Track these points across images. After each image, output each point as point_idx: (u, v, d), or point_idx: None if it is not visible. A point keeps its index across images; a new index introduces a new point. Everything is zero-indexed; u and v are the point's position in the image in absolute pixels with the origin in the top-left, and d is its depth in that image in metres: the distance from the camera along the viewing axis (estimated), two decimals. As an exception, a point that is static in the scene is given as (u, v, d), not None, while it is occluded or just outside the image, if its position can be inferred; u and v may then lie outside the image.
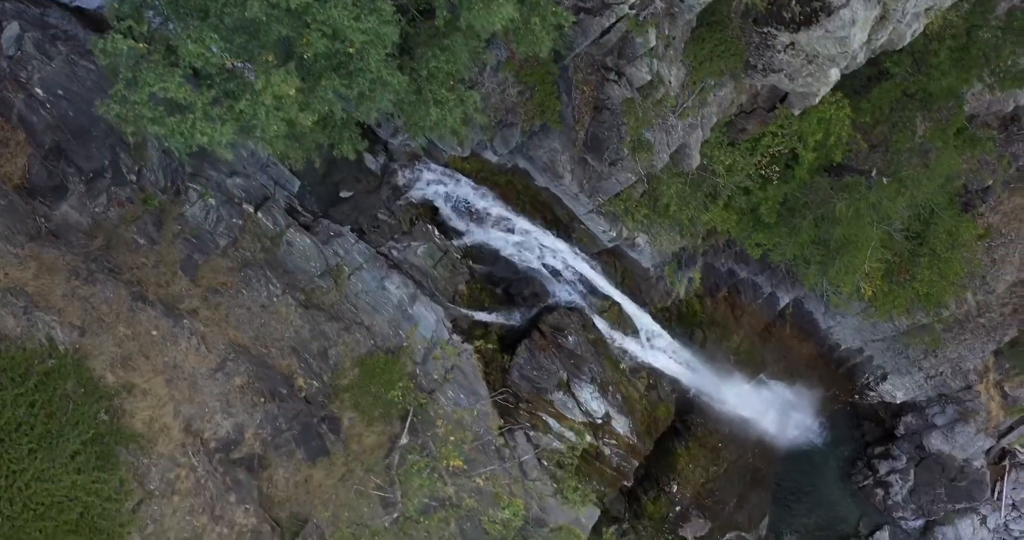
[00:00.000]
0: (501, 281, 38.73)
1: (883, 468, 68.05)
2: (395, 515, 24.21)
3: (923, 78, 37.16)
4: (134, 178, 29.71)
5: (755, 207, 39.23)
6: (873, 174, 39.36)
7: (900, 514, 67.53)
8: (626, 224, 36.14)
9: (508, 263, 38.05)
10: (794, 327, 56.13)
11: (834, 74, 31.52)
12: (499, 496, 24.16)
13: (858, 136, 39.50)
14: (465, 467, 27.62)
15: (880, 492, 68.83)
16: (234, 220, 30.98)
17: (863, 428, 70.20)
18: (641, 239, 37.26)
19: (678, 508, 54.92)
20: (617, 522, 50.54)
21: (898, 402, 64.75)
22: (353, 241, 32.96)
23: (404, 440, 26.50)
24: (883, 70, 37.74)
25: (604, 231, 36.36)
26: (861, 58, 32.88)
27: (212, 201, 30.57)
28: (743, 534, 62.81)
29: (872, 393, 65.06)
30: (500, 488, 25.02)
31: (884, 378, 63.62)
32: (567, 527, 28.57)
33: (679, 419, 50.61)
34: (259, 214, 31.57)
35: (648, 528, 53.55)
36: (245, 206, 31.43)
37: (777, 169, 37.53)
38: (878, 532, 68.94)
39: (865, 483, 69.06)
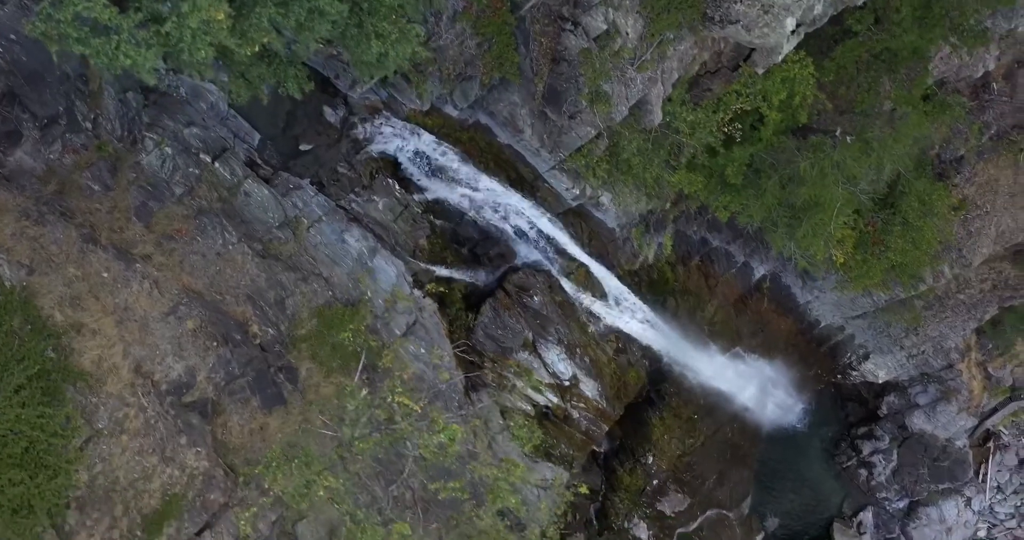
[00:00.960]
0: (467, 241, 38.79)
1: (866, 448, 68.03)
2: (334, 445, 24.25)
3: (886, 36, 37.21)
4: (89, 126, 29.80)
5: (722, 169, 39.25)
6: (838, 133, 39.41)
7: (884, 495, 67.48)
8: (589, 182, 36.19)
9: (473, 223, 38.13)
10: (772, 302, 56.09)
11: (790, 23, 31.62)
12: (435, 420, 24.17)
13: (823, 97, 39.53)
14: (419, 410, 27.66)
15: (863, 473, 68.82)
16: (191, 169, 31.06)
17: (847, 409, 70.23)
18: (605, 198, 37.32)
19: (655, 481, 54.83)
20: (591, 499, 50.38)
21: (880, 382, 64.75)
22: (312, 194, 33.04)
23: (355, 380, 26.44)
24: (847, 29, 37.81)
25: (567, 188, 36.41)
26: (819, 9, 32.98)
27: (168, 150, 30.64)
28: (724, 512, 62.73)
29: (855, 372, 65.05)
30: (438, 415, 25.07)
31: (866, 357, 63.62)
32: (510, 459, 28.50)
33: (653, 389, 50.62)
34: (216, 165, 31.64)
35: (625, 501, 53.50)
36: (202, 156, 31.50)
37: (741, 128, 37.59)
38: (861, 513, 68.88)
39: (848, 464, 69.05)
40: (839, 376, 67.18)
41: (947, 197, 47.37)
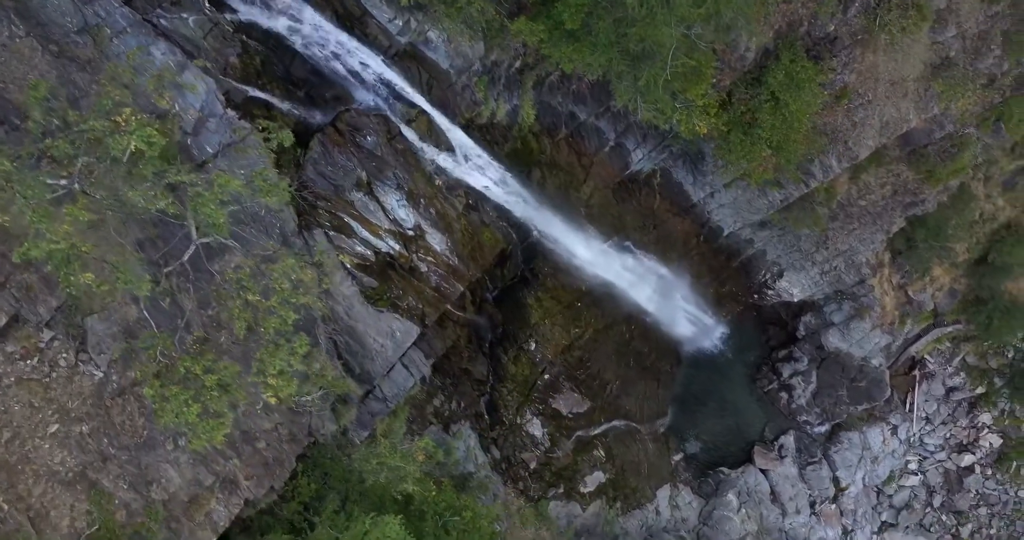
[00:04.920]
0: (302, 83, 39.12)
1: (786, 371, 67.92)
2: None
3: None
4: None
5: (560, 16, 39.46)
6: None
7: (804, 418, 67.25)
8: (413, 14, 36.46)
9: (305, 61, 38.43)
10: (664, 200, 56.11)
11: None
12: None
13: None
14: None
15: (784, 396, 68.69)
16: (-19, -37, 31.43)
17: (768, 333, 70.24)
18: (433, 33, 37.61)
19: (546, 376, 54.84)
20: (441, 391, 50.33)
21: (796, 300, 64.77)
22: (117, 5, 33.35)
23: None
24: None
25: (390, 20, 36.71)
26: None
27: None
28: (634, 424, 62.54)
29: (770, 292, 65.03)
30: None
31: (780, 275, 63.62)
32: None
33: (527, 267, 50.65)
34: (11, -35, 32.04)
35: (514, 393, 53.39)
36: (-4, -44, 31.90)
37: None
38: (783, 437, 68.77)
39: (770, 387, 68.98)
40: (756, 296, 67.14)
41: (815, 72, 47.32)
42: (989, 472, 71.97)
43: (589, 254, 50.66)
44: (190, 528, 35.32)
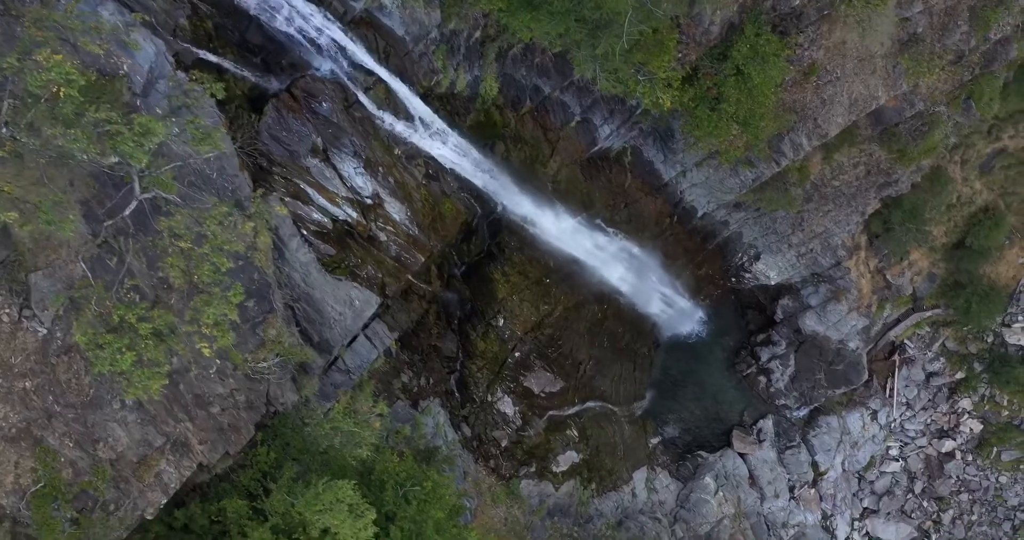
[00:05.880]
0: (259, 50, 39.30)
1: (764, 355, 67.96)
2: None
3: None
4: None
5: (516, -16, 39.63)
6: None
7: (783, 402, 67.27)
8: (367, -22, 36.62)
9: (261, 28, 38.59)
10: (636, 179, 56.16)
11: None
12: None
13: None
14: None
15: (763, 380, 68.72)
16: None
17: (747, 317, 70.33)
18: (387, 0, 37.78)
19: (517, 353, 54.79)
20: (409, 367, 50.33)
21: (773, 283, 64.81)
22: (63, -35, 33.55)
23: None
24: None
25: (343, -15, 36.86)
26: None
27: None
28: (609, 406, 62.51)
29: (748, 274, 65.13)
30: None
31: (757, 258, 63.73)
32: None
33: (493, 241, 50.69)
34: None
35: (484, 370, 53.41)
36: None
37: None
38: (761, 421, 68.78)
39: (748, 371, 69.04)
40: (733, 279, 67.20)
41: (780, 46, 47.40)
42: (970, 458, 71.77)
43: (556, 230, 50.67)
44: (139, 488, 35.31)
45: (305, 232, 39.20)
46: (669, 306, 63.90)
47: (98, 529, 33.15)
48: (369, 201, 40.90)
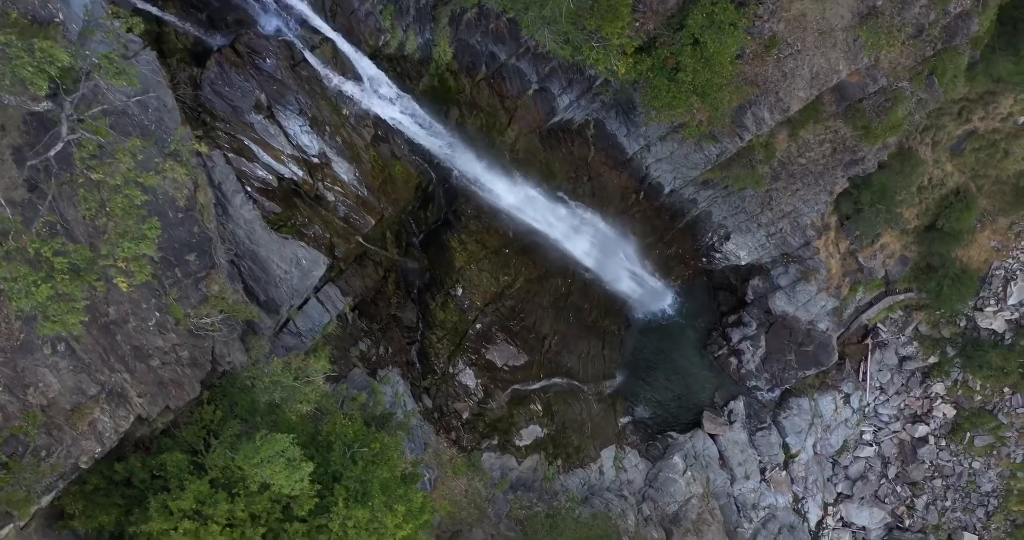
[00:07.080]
0: (204, 6, 39.55)
1: (736, 336, 67.92)
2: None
3: None
4: None
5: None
6: None
7: (754, 383, 67.21)
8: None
9: (207, -16, 38.91)
10: (600, 152, 56.14)
11: None
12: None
13: None
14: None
15: (734, 361, 68.67)
16: None
17: (719, 298, 70.26)
18: (330, -44, 37.99)
19: (478, 325, 54.82)
20: (368, 335, 50.41)
21: (743, 263, 64.80)
22: (5, -86, 33.88)
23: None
24: None
25: (285, -58, 37.11)
26: None
27: None
28: (576, 383, 62.50)
29: (718, 254, 65.10)
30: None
31: (727, 238, 63.67)
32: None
33: (449, 209, 50.76)
34: None
35: (444, 340, 53.44)
36: None
37: None
38: (732, 402, 68.73)
39: (720, 352, 69.00)
40: (704, 259, 67.15)
41: (737, 16, 47.50)
42: (943, 443, 71.51)
43: (514, 199, 50.65)
44: (73, 436, 35.43)
45: (249, 189, 39.39)
46: (639, 286, 63.83)
47: (28, 474, 33.14)
48: (316, 160, 41.06)
